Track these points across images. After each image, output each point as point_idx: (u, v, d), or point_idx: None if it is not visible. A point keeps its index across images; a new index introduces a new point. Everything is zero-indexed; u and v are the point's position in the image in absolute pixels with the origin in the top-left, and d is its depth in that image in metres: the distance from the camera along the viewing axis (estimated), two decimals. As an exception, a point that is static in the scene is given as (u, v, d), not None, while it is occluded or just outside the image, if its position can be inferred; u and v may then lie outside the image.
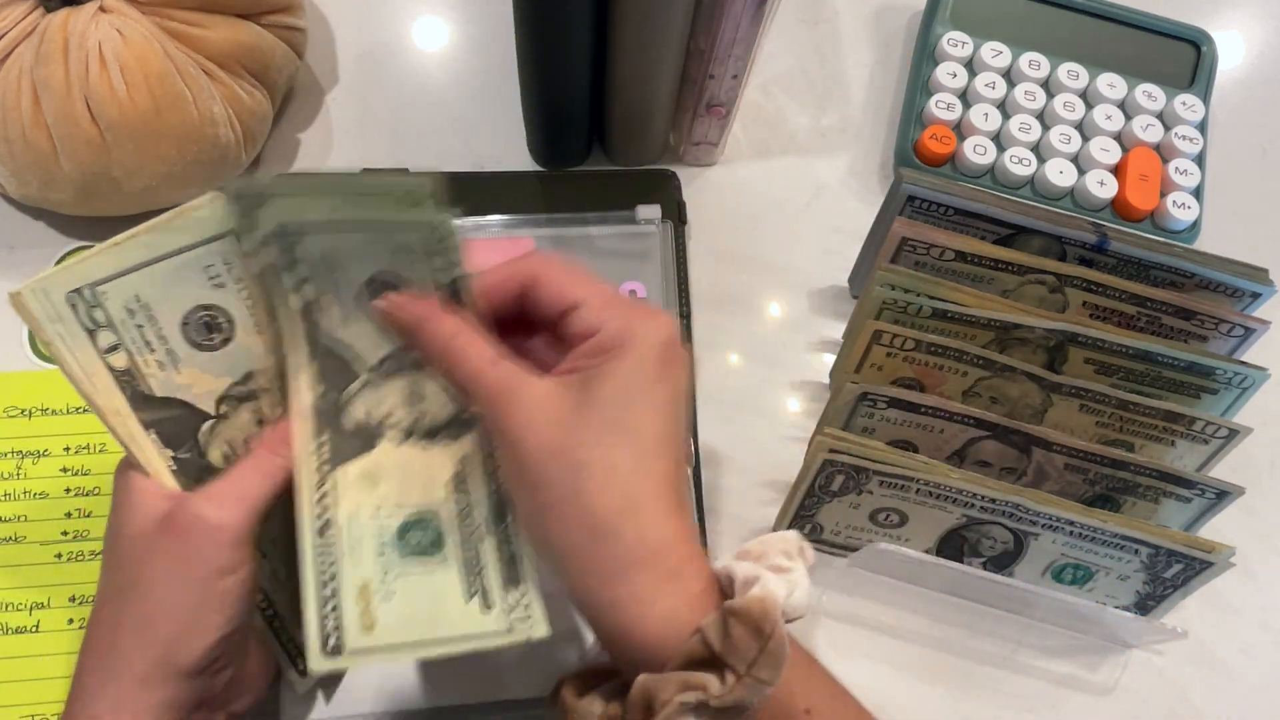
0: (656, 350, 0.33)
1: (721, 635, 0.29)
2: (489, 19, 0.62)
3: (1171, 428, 0.47)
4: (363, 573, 0.35)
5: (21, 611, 0.46)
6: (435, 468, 0.37)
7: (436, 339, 0.35)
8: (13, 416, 0.50)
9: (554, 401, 0.33)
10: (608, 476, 0.32)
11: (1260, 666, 0.50)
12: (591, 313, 0.34)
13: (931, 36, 0.61)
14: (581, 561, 0.31)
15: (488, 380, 0.34)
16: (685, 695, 0.29)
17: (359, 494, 0.36)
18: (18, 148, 0.47)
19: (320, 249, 0.35)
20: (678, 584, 0.31)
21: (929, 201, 0.47)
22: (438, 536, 0.37)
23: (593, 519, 0.31)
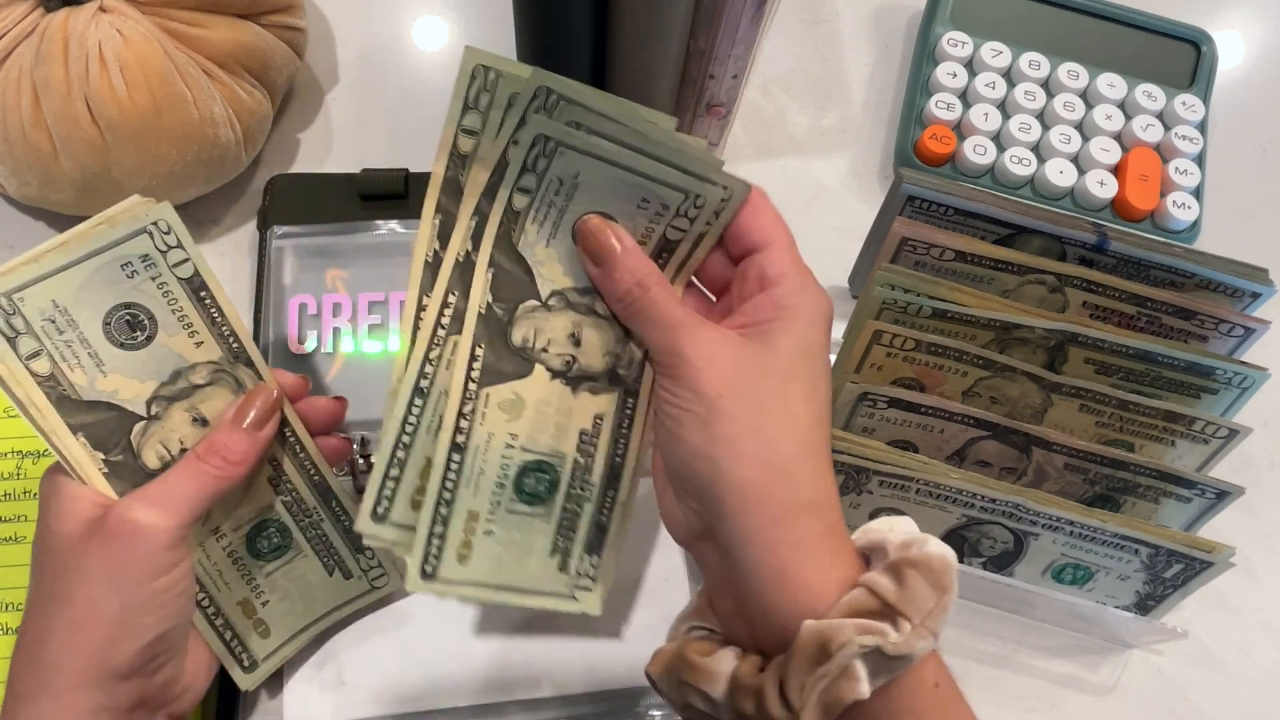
0: (826, 321, 0.34)
1: (897, 586, 0.30)
2: (489, 19, 0.62)
3: (1171, 428, 0.47)
4: (476, 503, 0.36)
5: (21, 611, 0.46)
6: (573, 415, 0.37)
7: (631, 274, 0.35)
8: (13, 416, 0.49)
9: (737, 344, 0.33)
10: (789, 420, 0.32)
11: (1260, 666, 0.50)
12: (775, 260, 0.34)
13: (931, 36, 0.61)
14: (754, 497, 0.31)
15: (675, 315, 0.34)
16: (865, 638, 0.29)
17: (499, 420, 0.36)
18: (18, 148, 0.47)
19: (564, 169, 0.35)
20: (837, 539, 0.32)
21: (929, 201, 0.47)
22: (551, 487, 0.37)
23: (773, 456, 0.32)
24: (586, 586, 0.38)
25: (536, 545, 0.37)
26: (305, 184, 0.55)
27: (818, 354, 0.34)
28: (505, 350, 0.36)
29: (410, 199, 0.55)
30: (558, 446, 0.37)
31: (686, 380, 0.33)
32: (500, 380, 0.36)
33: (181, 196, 0.52)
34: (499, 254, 0.35)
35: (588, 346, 0.37)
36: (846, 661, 0.29)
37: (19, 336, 0.35)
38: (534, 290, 0.36)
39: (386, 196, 0.54)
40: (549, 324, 0.37)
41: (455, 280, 0.35)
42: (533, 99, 0.33)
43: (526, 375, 0.36)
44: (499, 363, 0.36)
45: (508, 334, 0.36)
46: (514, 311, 0.36)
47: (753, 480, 0.31)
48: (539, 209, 0.35)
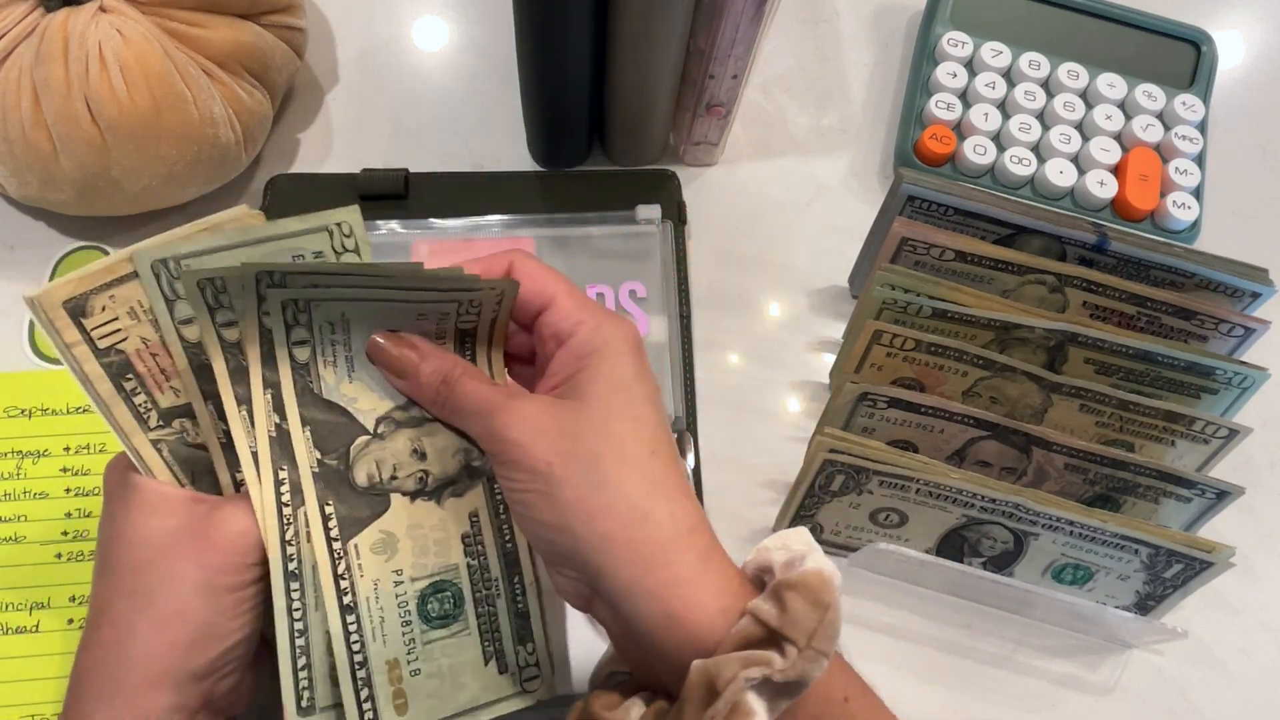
0: (632, 348, 0.34)
1: (778, 610, 0.29)
2: (489, 19, 0.62)
3: (1171, 428, 0.47)
4: (390, 651, 0.35)
5: (21, 611, 0.46)
6: (448, 525, 0.37)
7: (435, 374, 0.35)
8: (13, 416, 0.50)
9: (553, 408, 0.33)
10: (624, 463, 0.32)
11: (1260, 666, 0.50)
12: (565, 314, 0.34)
13: (931, 36, 0.61)
14: (620, 549, 0.31)
15: (488, 400, 0.34)
16: (750, 671, 0.28)
17: (378, 564, 0.36)
18: (18, 148, 0.47)
19: (329, 315, 0.35)
20: (715, 566, 0.32)
21: (929, 201, 0.47)
22: (457, 600, 0.37)
23: (622, 504, 0.32)
24: (533, 675, 0.38)
25: (469, 662, 0.37)
26: (305, 184, 0.55)
27: (633, 384, 0.33)
28: (354, 496, 0.36)
29: (410, 199, 0.55)
30: (447, 560, 0.37)
31: (516, 461, 0.33)
32: (362, 526, 0.35)
33: (181, 196, 0.52)
34: (307, 409, 0.35)
35: (434, 455, 0.37)
36: (735, 698, 0.28)
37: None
38: (359, 427, 0.36)
39: (386, 196, 0.55)
40: (388, 450, 0.36)
41: (278, 455, 0.35)
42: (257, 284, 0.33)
43: (385, 510, 0.36)
44: (353, 511, 0.35)
45: (350, 479, 0.36)
46: (348, 456, 0.36)
47: (612, 534, 0.31)
48: (324, 353, 0.35)
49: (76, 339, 0.34)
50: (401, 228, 0.53)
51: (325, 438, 0.35)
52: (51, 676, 0.45)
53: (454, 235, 0.54)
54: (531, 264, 0.36)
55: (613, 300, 0.53)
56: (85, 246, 0.54)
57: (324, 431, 0.35)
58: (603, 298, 0.53)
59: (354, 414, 0.36)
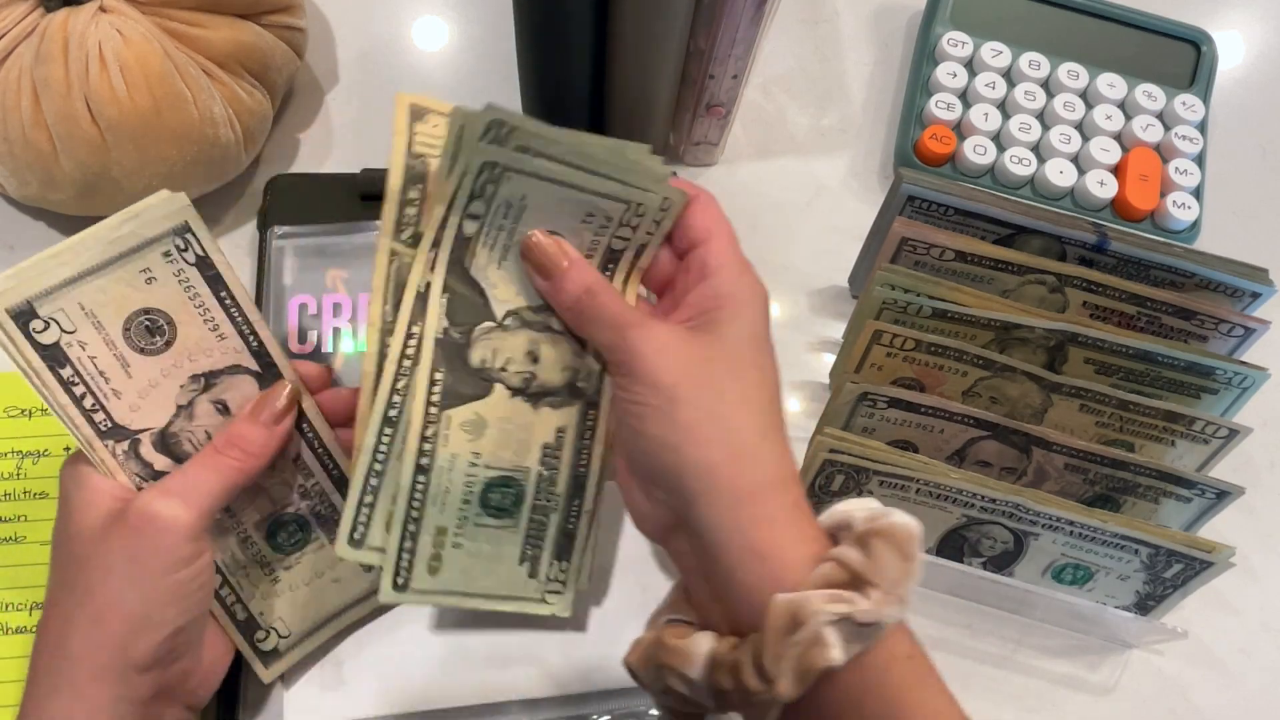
0: (766, 308, 0.36)
1: (864, 555, 0.30)
2: (489, 19, 0.62)
3: (1171, 428, 0.47)
4: (444, 519, 0.38)
5: (21, 611, 0.46)
6: (535, 430, 0.38)
7: (578, 283, 0.36)
8: (13, 416, 0.50)
9: (687, 336, 0.34)
10: (746, 404, 0.33)
11: (1260, 666, 0.50)
12: (719, 252, 0.36)
13: (931, 36, 0.61)
14: (720, 479, 0.32)
15: (624, 315, 0.35)
16: (835, 606, 0.29)
17: (462, 441, 0.37)
18: (18, 148, 0.47)
19: (511, 193, 0.35)
20: (803, 516, 0.33)
21: (929, 201, 0.47)
22: (517, 500, 0.39)
23: (734, 438, 0.33)
24: (556, 590, 0.40)
25: (505, 555, 0.39)
26: (305, 184, 0.55)
27: (763, 339, 0.35)
28: (464, 372, 0.37)
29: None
30: (521, 461, 0.38)
31: (642, 374, 0.33)
32: (461, 402, 0.37)
33: (181, 196, 0.52)
34: (453, 279, 0.36)
35: (546, 362, 0.38)
36: (817, 630, 0.29)
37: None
38: (489, 312, 0.37)
39: (386, 196, 0.54)
40: (506, 343, 0.38)
41: (417, 312, 0.36)
42: (485, 131, 0.33)
43: (487, 395, 0.37)
44: (458, 385, 0.37)
45: (466, 356, 0.37)
46: (470, 334, 0.37)
47: (718, 463, 0.32)
48: (489, 233, 0.36)
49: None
50: (401, 228, 0.53)
51: (457, 310, 0.37)
52: (51, 676, 0.45)
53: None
54: (709, 199, 0.37)
55: (613, 300, 0.53)
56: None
57: (458, 304, 0.37)
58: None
59: (490, 299, 0.37)
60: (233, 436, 0.37)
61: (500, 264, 0.37)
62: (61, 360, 0.35)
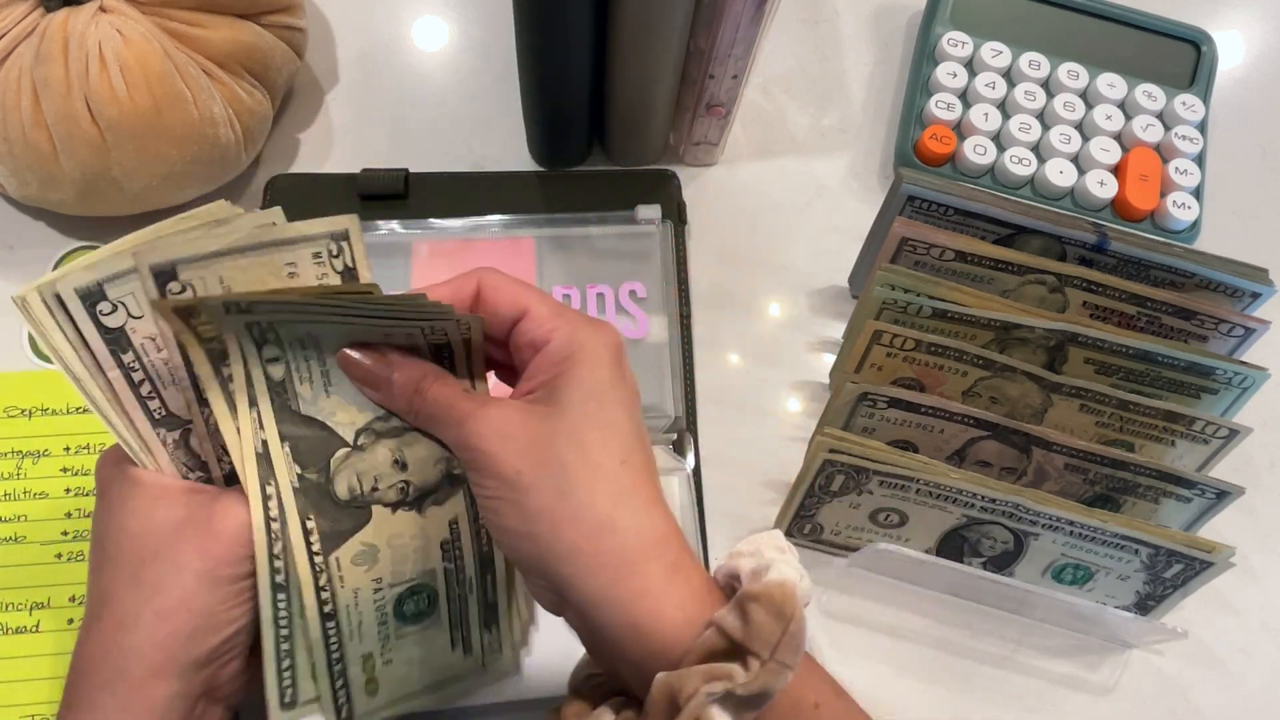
0: (610, 354, 0.34)
1: (741, 622, 0.29)
2: (489, 19, 0.62)
3: (1171, 428, 0.47)
4: (366, 647, 0.37)
5: (21, 611, 0.46)
6: (429, 534, 0.38)
7: (406, 384, 0.35)
8: (13, 416, 0.50)
9: (524, 414, 0.33)
10: (593, 472, 0.32)
11: (1260, 666, 0.50)
12: (539, 322, 0.34)
13: (931, 36, 0.61)
14: (586, 560, 0.31)
15: (459, 406, 0.34)
16: (712, 685, 0.28)
17: (358, 575, 0.36)
18: (18, 148, 0.47)
19: (295, 333, 0.34)
20: (682, 577, 0.31)
21: (929, 201, 0.47)
22: (431, 601, 0.38)
23: (588, 514, 0.31)
24: (494, 652, 0.40)
25: (436, 648, 0.39)
26: (305, 184, 0.55)
27: (607, 391, 0.33)
28: (336, 509, 0.36)
29: (410, 199, 0.55)
30: (424, 567, 0.38)
31: (486, 469, 0.32)
32: (343, 540, 0.36)
33: (181, 196, 0.52)
34: (286, 426, 0.35)
35: (415, 464, 0.37)
36: (698, 712, 0.28)
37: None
38: (339, 440, 0.36)
39: (386, 196, 0.55)
40: (368, 463, 0.36)
41: (265, 472, 0.35)
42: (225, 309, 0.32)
43: (367, 522, 0.36)
44: (335, 524, 0.36)
45: (331, 493, 0.36)
46: (328, 469, 0.36)
47: (579, 545, 0.31)
48: (298, 369, 0.35)
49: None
50: (401, 228, 0.53)
51: (305, 453, 0.35)
52: (51, 677, 0.45)
53: (454, 235, 0.54)
54: (499, 278, 0.35)
55: (613, 300, 0.53)
56: (85, 246, 0.54)
57: (303, 447, 0.35)
58: (603, 298, 0.53)
59: (333, 427, 0.36)
60: None
61: (328, 390, 0.35)
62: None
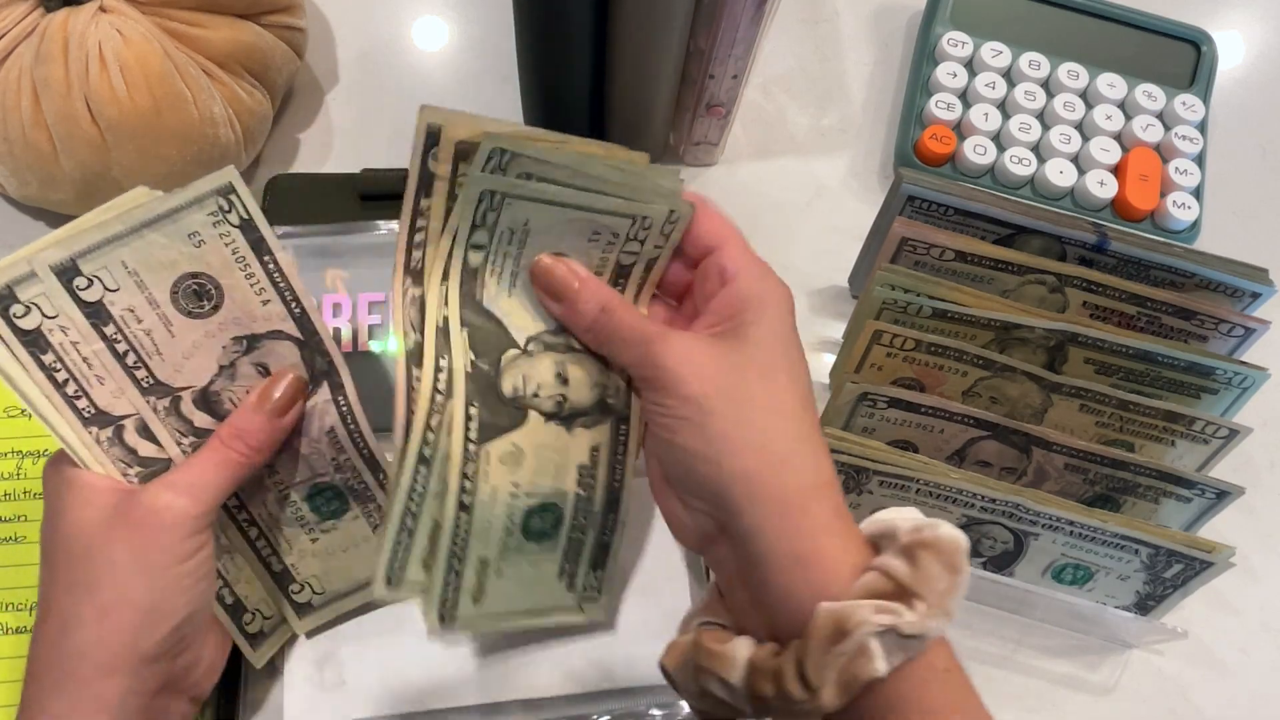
0: (791, 307, 0.35)
1: (910, 567, 0.30)
2: (489, 19, 0.62)
3: (1171, 428, 0.47)
4: (486, 551, 0.37)
5: (21, 611, 0.46)
6: (570, 453, 0.38)
7: (592, 303, 0.36)
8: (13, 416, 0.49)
9: (712, 344, 0.34)
10: (778, 409, 0.33)
11: (1260, 666, 0.50)
12: (734, 257, 0.35)
13: (931, 36, 0.61)
14: (760, 487, 0.32)
15: (644, 330, 0.35)
16: (881, 617, 0.29)
17: (501, 474, 0.37)
18: (18, 148, 0.47)
19: (513, 219, 0.35)
20: (845, 522, 0.32)
21: (929, 201, 0.47)
22: (556, 523, 0.38)
23: (770, 445, 0.32)
24: (592, 598, 0.40)
25: (544, 573, 0.39)
26: (305, 184, 0.55)
27: (791, 340, 0.34)
28: (498, 403, 0.36)
29: (410, 199, 0.55)
30: (559, 486, 0.38)
31: (671, 388, 0.33)
32: (497, 434, 0.36)
33: (181, 196, 0.52)
34: (468, 312, 0.36)
35: (575, 383, 0.38)
36: (863, 640, 0.29)
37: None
38: (511, 340, 0.37)
39: (386, 196, 0.54)
40: (534, 369, 0.37)
41: (441, 346, 0.35)
42: (486, 160, 0.33)
43: (522, 424, 0.37)
44: (494, 418, 0.36)
45: (497, 387, 0.36)
46: (498, 364, 0.36)
47: (756, 471, 0.32)
48: (495, 261, 0.36)
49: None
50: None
51: (480, 343, 0.36)
52: (51, 676, 0.45)
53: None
54: (713, 207, 0.37)
55: (613, 300, 0.53)
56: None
57: (480, 337, 0.36)
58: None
59: (508, 327, 0.37)
60: (236, 429, 0.37)
61: (511, 292, 0.36)
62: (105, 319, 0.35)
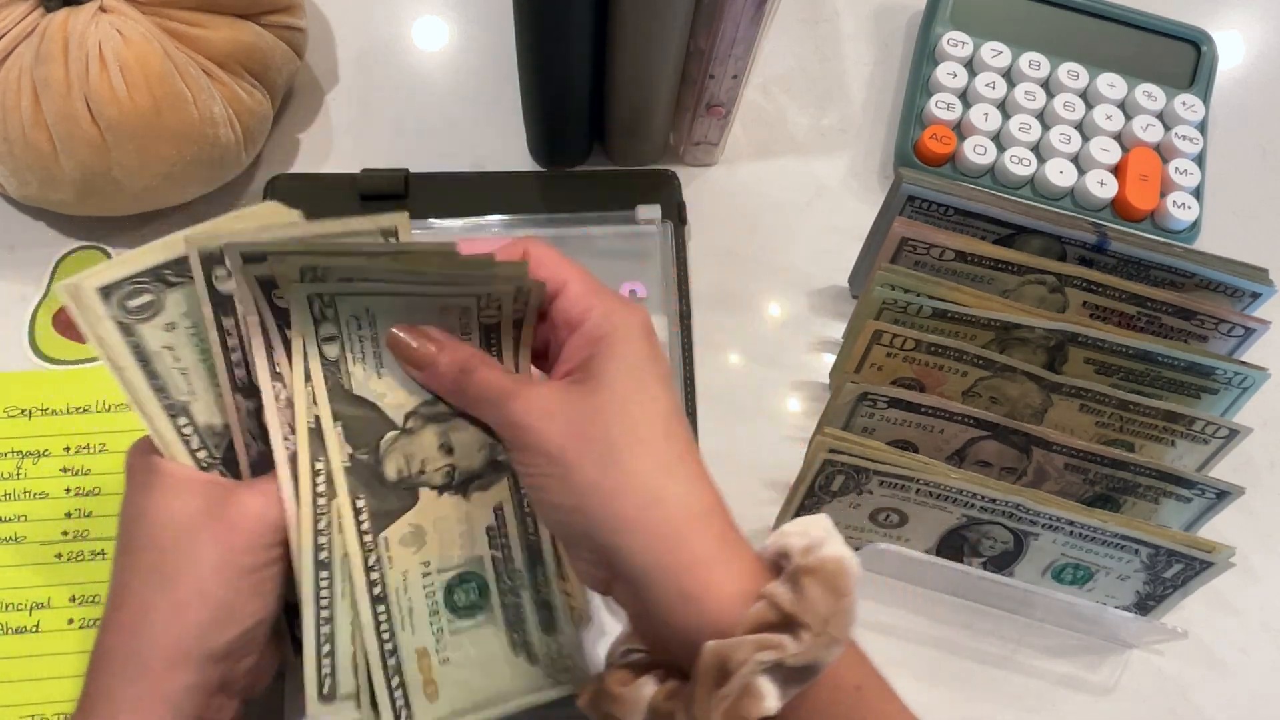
0: (643, 332, 0.34)
1: (794, 595, 0.30)
2: (489, 19, 0.62)
3: (1171, 428, 0.47)
4: (420, 639, 0.36)
5: (21, 611, 0.46)
6: (474, 519, 0.38)
7: (451, 365, 0.35)
8: (13, 416, 0.49)
9: (567, 392, 0.33)
10: (638, 445, 0.32)
11: (1260, 666, 0.50)
12: (576, 299, 0.35)
13: (931, 36, 0.61)
14: (636, 530, 0.31)
15: (502, 387, 0.34)
16: (763, 654, 0.29)
17: (406, 556, 0.36)
18: (18, 148, 0.47)
19: (355, 309, 0.35)
20: (731, 549, 0.32)
21: (929, 201, 0.47)
22: (482, 592, 0.38)
23: (636, 485, 0.32)
24: (563, 666, 0.39)
25: (496, 651, 0.38)
26: (305, 184, 0.55)
27: (645, 366, 0.34)
28: (385, 490, 0.36)
29: (410, 199, 0.55)
30: (472, 553, 0.37)
31: (530, 445, 0.33)
32: (391, 520, 0.36)
33: (181, 196, 0.52)
34: (339, 405, 0.35)
35: (461, 449, 0.37)
36: (747, 679, 0.28)
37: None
38: (389, 421, 0.36)
39: (386, 196, 0.55)
40: (417, 446, 0.37)
41: (316, 448, 0.35)
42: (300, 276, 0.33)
43: (414, 504, 0.37)
44: (383, 504, 0.36)
45: (381, 473, 0.36)
46: (378, 450, 0.36)
47: (626, 514, 0.31)
48: (352, 349, 0.36)
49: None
50: (401, 228, 0.53)
51: (356, 433, 0.36)
52: (52, 676, 0.45)
53: (454, 235, 0.54)
54: (544, 250, 0.36)
55: (613, 300, 0.53)
56: (85, 246, 0.54)
57: (355, 427, 0.36)
58: (603, 297, 0.53)
59: (383, 409, 0.36)
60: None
61: (379, 372, 0.36)
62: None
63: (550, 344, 0.37)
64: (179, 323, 0.36)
